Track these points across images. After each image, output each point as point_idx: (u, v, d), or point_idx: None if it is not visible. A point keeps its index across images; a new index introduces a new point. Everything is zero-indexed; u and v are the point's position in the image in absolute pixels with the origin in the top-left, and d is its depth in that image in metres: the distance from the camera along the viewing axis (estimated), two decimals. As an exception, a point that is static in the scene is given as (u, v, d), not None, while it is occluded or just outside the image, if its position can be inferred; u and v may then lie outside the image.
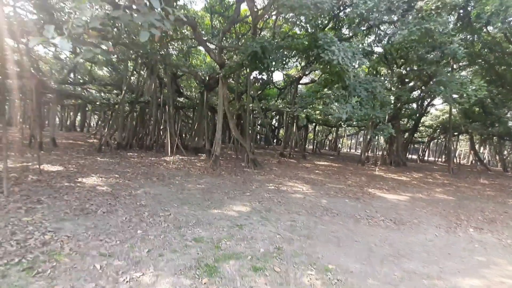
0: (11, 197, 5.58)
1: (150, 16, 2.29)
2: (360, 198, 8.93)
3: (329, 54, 6.44)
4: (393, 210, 7.72)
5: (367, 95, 8.65)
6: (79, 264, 3.30)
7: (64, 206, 5.44)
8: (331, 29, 16.72)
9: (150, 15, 2.29)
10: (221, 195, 7.62)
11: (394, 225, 6.38)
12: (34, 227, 4.22)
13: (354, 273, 3.82)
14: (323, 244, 4.77)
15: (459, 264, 4.47)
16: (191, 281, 3.19)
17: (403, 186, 12.13)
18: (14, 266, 3.11)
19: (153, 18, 2.31)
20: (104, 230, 4.43)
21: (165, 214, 5.55)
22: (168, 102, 15.87)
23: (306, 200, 7.91)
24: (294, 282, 3.38)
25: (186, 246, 4.15)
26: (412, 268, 4.15)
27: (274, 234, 5.04)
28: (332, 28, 16.34)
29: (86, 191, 6.69)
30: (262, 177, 11.01)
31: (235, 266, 3.67)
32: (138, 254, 3.74)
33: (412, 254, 4.72)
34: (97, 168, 9.73)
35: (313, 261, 4.06)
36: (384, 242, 5.19)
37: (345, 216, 6.67)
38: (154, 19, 2.31)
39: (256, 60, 7.83)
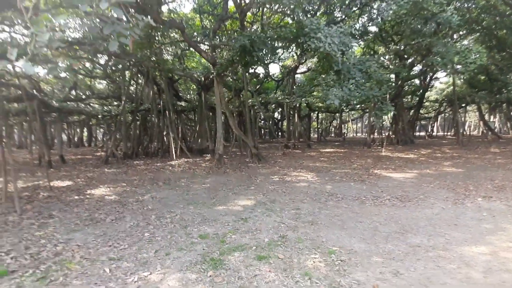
0: (24, 215, 5.80)
1: (117, 26, 2.35)
2: (365, 180, 8.90)
3: (315, 42, 6.38)
4: (399, 188, 7.69)
5: (362, 76, 8.56)
6: (89, 270, 3.43)
7: (74, 217, 5.63)
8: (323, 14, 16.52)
9: (117, 25, 2.34)
10: (226, 191, 7.72)
11: (400, 202, 6.36)
12: (46, 240, 4.39)
13: (358, 252, 3.86)
14: (327, 229, 4.81)
15: (466, 233, 4.45)
16: (197, 275, 3.29)
17: (410, 164, 12.01)
18: (28, 277, 3.26)
19: (120, 28, 2.36)
20: (113, 236, 4.57)
21: (171, 216, 5.68)
22: (167, 107, 16.02)
23: (311, 188, 7.94)
24: (298, 267, 3.45)
25: (192, 243, 4.25)
26: (417, 242, 4.16)
27: (278, 223, 5.11)
28: (324, 13, 16.14)
29: (95, 201, 6.89)
30: (267, 170, 11.07)
31: (240, 257, 3.75)
32: (145, 255, 3.86)
33: (418, 229, 4.72)
34: (105, 179, 9.96)
35: (317, 245, 4.11)
36: (390, 220, 5.20)
37: (350, 199, 6.69)
38: (121, 28, 2.37)
39: (246, 54, 7.83)
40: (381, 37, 19.20)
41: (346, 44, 7.45)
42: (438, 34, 11.69)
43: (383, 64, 21.01)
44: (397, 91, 23.03)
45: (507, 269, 3.30)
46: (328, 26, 7.56)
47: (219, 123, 12.53)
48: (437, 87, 34.55)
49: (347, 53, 8.17)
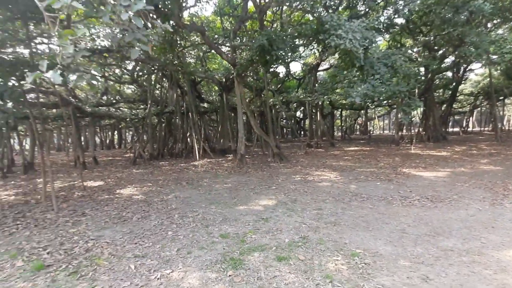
0: (60, 213, 6.23)
1: (138, 34, 2.43)
2: (393, 179, 8.50)
3: (335, 39, 6.18)
4: (429, 188, 7.25)
5: (387, 71, 8.18)
6: (116, 266, 3.60)
7: (104, 216, 5.94)
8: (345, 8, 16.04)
9: (138, 33, 2.42)
10: (247, 191, 7.74)
11: (430, 203, 5.99)
12: (79, 237, 4.68)
13: (383, 255, 3.68)
14: (351, 230, 4.65)
15: (503, 237, 4.08)
16: (217, 274, 3.33)
17: (442, 162, 11.29)
18: (62, 272, 3.49)
19: (140, 35, 2.44)
20: (138, 234, 4.76)
21: (193, 215, 5.80)
22: (190, 109, 16.43)
23: (334, 187, 7.73)
24: (319, 269, 3.36)
25: (213, 243, 4.31)
26: (449, 245, 3.89)
27: (299, 224, 5.02)
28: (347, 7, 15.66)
29: (123, 200, 7.23)
30: (288, 170, 10.96)
31: (260, 257, 3.73)
32: (168, 253, 3.97)
33: (451, 231, 4.41)
34: (133, 179, 10.43)
35: (339, 247, 3.98)
36: (419, 222, 4.91)
37: (375, 200, 6.41)
38: (141, 35, 2.44)
39: (265, 53, 7.78)
40: (409, 29, 18.24)
41: (369, 39, 7.16)
42: (470, 23, 10.86)
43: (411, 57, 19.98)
44: (427, 85, 21.80)
45: (556, 278, 2.97)
46: (349, 21, 7.31)
47: (240, 123, 12.62)
48: (472, 80, 32.15)
49: (370, 48, 7.85)
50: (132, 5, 2.30)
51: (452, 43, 16.40)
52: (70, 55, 2.25)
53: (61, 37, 2.14)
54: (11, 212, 6.54)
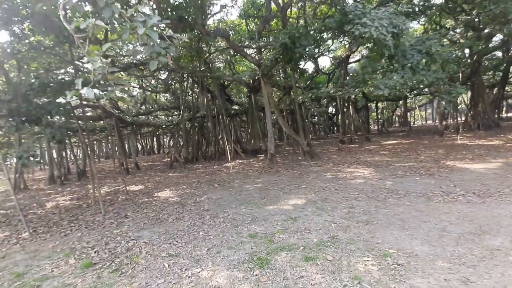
0: (106, 215, 6.85)
1: (156, 47, 2.60)
2: (434, 173, 7.87)
3: (360, 28, 5.89)
4: (477, 182, 6.58)
5: (420, 58, 7.61)
6: (152, 264, 3.87)
7: (144, 217, 6.40)
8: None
9: (156, 46, 2.59)
10: (277, 191, 7.75)
11: (477, 198, 5.44)
12: (121, 237, 5.11)
13: (419, 256, 3.45)
14: (385, 229, 4.42)
15: None
16: (244, 273, 3.40)
17: (493, 152, 10.15)
18: (106, 269, 3.85)
19: (158, 48, 2.61)
20: (173, 235, 5.05)
21: (224, 215, 5.97)
22: (220, 112, 16.90)
23: (367, 184, 7.39)
24: (347, 270, 3.26)
25: (241, 243, 4.41)
26: (496, 245, 3.51)
27: (329, 223, 4.91)
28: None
29: (160, 203, 7.71)
30: (319, 168, 10.72)
31: (287, 257, 3.73)
32: (199, 252, 4.16)
33: (499, 229, 3.97)
34: (169, 182, 11.04)
35: (371, 247, 3.82)
36: (463, 219, 4.50)
37: (413, 196, 6.01)
38: (159, 48, 2.61)
39: (288, 51, 7.71)
40: (448, 8, 16.71)
41: (399, 26, 6.72)
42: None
43: (453, 39, 18.26)
44: (473, 68, 19.75)
45: None
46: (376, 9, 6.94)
47: (268, 123, 12.66)
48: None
49: (401, 35, 7.36)
50: (148, 20, 2.47)
51: (498, 20, 14.67)
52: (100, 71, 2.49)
53: (89, 54, 2.38)
54: (66, 215, 7.35)
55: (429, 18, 17.59)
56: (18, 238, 5.73)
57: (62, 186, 13.28)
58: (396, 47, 7.26)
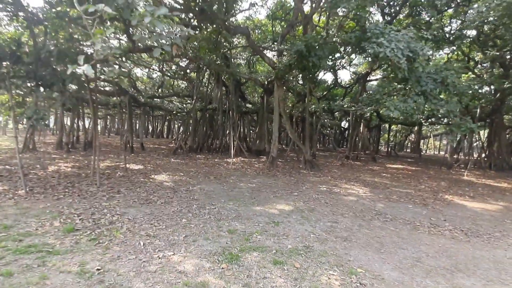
0: (101, 188, 7.09)
1: (162, 35, 2.73)
2: (429, 204, 7.76)
3: (375, 47, 5.89)
4: (470, 220, 6.46)
5: (434, 87, 7.53)
6: (129, 240, 4.03)
7: (135, 196, 6.60)
8: (407, 16, 15.10)
9: (161, 36, 2.73)
10: (269, 194, 7.82)
11: (464, 236, 5.36)
12: (108, 210, 5.30)
13: (385, 280, 3.46)
14: (360, 248, 4.43)
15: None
16: (211, 264, 3.51)
17: (497, 194, 9.90)
18: (85, 237, 4.04)
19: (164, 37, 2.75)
20: (157, 217, 5.21)
21: (210, 208, 6.09)
22: (231, 108, 17.06)
23: (359, 203, 7.36)
24: (310, 279, 3.31)
25: (218, 236, 4.51)
26: (467, 284, 3.48)
27: (308, 233, 4.95)
28: (409, 15, 14.74)
29: (154, 185, 7.91)
30: (317, 179, 10.71)
31: (257, 257, 3.81)
32: (176, 238, 4.29)
33: (475, 270, 3.92)
34: (169, 167, 11.27)
35: (341, 262, 3.85)
36: (442, 253, 4.45)
37: (400, 223, 5.96)
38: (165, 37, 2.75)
39: (302, 59, 7.75)
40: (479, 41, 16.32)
41: (416, 51, 6.68)
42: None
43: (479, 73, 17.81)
44: (495, 106, 19.22)
45: None
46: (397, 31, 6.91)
47: (275, 126, 12.73)
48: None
49: (418, 60, 7.30)
50: (156, 11, 2.60)
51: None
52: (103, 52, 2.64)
53: (94, 36, 2.53)
54: (64, 181, 7.64)
55: (459, 48, 17.22)
56: (14, 193, 6.03)
57: (68, 153, 13.74)
58: (410, 72, 7.22)
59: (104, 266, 3.26)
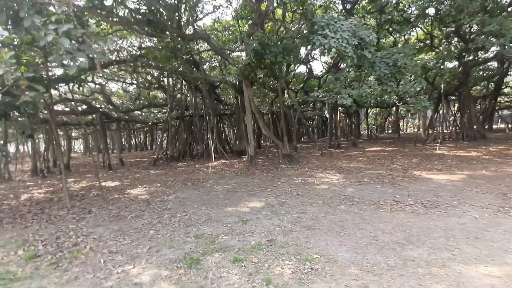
0: (71, 210, 7.01)
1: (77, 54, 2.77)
2: (396, 182, 8.07)
3: (320, 39, 6.08)
4: (432, 193, 6.78)
5: (388, 71, 7.82)
6: (90, 260, 4.04)
7: (105, 214, 6.56)
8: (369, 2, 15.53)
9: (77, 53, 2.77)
10: (243, 193, 7.92)
11: (423, 209, 5.64)
12: (74, 232, 5.27)
13: (337, 262, 3.63)
14: (322, 235, 4.61)
15: (482, 249, 3.75)
16: (169, 272, 3.58)
17: (465, 163, 10.36)
18: (45, 262, 4.03)
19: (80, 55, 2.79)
20: (124, 232, 5.22)
21: (181, 215, 6.14)
22: (206, 112, 17.06)
23: (330, 191, 7.58)
24: (264, 272, 3.44)
25: (184, 242, 4.58)
26: (413, 255, 3.69)
27: (275, 227, 5.08)
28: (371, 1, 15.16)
29: (128, 200, 7.87)
30: (294, 172, 10.90)
31: (218, 258, 3.91)
32: (140, 250, 4.33)
33: (426, 240, 4.16)
34: (146, 180, 11.20)
35: (299, 251, 4.00)
36: (398, 228, 4.68)
37: (365, 204, 6.20)
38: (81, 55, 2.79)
39: (259, 57, 7.89)
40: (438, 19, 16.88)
41: (363, 38, 6.91)
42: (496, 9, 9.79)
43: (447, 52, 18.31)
44: (461, 79, 20.01)
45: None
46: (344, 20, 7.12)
47: (249, 125, 12.84)
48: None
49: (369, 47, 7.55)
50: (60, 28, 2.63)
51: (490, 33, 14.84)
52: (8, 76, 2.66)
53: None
54: (35, 208, 7.50)
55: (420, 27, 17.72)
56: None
57: (44, 178, 13.42)
58: (363, 58, 7.46)
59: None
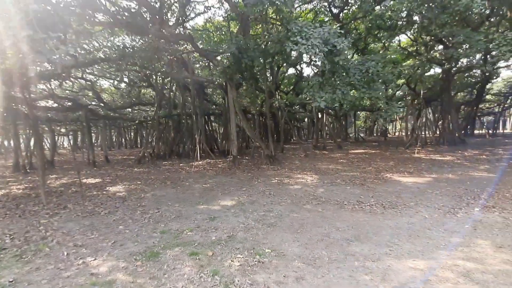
0: (47, 206, 7.13)
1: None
2: (366, 184, 8.43)
3: (290, 45, 6.37)
4: (395, 194, 7.14)
5: (361, 77, 8.18)
6: (53, 252, 4.23)
7: (80, 210, 6.72)
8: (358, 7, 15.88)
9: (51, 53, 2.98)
10: (218, 192, 8.16)
11: (381, 209, 5.98)
12: (44, 227, 5.43)
13: (286, 256, 3.91)
14: (280, 231, 4.88)
15: (418, 246, 4.08)
16: (127, 264, 3.80)
17: (436, 167, 10.82)
18: (10, 254, 4.20)
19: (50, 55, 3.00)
20: (94, 227, 5.41)
21: (153, 212, 6.35)
22: (194, 111, 17.22)
23: (301, 191, 7.88)
24: (214, 264, 3.70)
25: (149, 237, 4.80)
26: (356, 250, 4.00)
27: (239, 224, 5.34)
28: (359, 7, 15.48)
29: (105, 197, 8.02)
30: (273, 172, 11.19)
31: (177, 252, 4.15)
32: (104, 244, 4.54)
33: (372, 237, 4.47)
34: (128, 177, 11.33)
35: (254, 246, 4.26)
36: (352, 226, 5.00)
37: (330, 204, 6.51)
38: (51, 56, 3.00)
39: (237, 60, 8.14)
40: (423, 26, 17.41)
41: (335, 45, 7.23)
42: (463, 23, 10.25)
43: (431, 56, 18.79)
44: (443, 85, 20.64)
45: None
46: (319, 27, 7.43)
47: (232, 125, 13.09)
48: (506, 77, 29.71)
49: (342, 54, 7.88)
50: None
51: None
52: None
53: None
54: (11, 203, 7.59)
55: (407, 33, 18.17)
56: (-50, 222, 5.98)
57: (25, 174, 13.40)
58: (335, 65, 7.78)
59: (18, 278, 3.48)
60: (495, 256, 3.66)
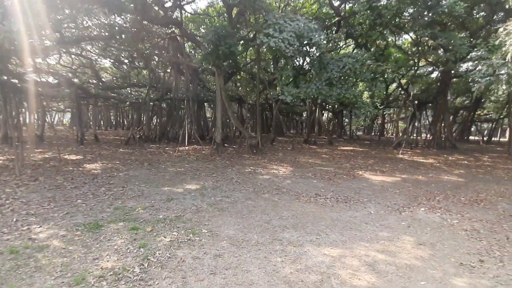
0: (19, 177, 7.41)
1: None
2: (334, 179, 8.62)
3: (261, 37, 6.42)
4: (355, 190, 7.33)
5: (338, 73, 8.23)
6: (4, 218, 4.49)
7: (49, 183, 6.98)
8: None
9: None
10: (188, 176, 8.39)
11: (333, 202, 6.18)
12: (6, 195, 5.70)
13: (218, 236, 4.14)
14: (227, 216, 5.10)
15: (345, 237, 4.29)
16: (67, 232, 4.05)
17: (413, 168, 10.96)
18: (-37, 217, 4.47)
19: None
20: (54, 199, 5.66)
21: (117, 190, 6.60)
22: (186, 96, 17.34)
23: (268, 181, 8.08)
24: (148, 239, 3.94)
25: (101, 212, 5.05)
26: (286, 236, 4.22)
27: (192, 206, 5.57)
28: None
29: (80, 173, 8.28)
30: (252, 162, 11.39)
31: (119, 226, 4.39)
32: (56, 215, 4.79)
33: (309, 226, 4.69)
34: (110, 157, 11.59)
35: (193, 226, 4.50)
36: (295, 216, 5.20)
37: (288, 195, 6.71)
38: None
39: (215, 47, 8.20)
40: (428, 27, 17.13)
41: (311, 39, 7.27)
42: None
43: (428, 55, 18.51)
44: (439, 88, 20.50)
45: (320, 271, 3.25)
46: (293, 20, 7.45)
47: (218, 113, 13.23)
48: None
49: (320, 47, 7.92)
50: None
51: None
52: None
53: None
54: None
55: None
56: None
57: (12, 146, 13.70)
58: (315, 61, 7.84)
59: (-40, 238, 3.74)
60: (411, 252, 3.86)
